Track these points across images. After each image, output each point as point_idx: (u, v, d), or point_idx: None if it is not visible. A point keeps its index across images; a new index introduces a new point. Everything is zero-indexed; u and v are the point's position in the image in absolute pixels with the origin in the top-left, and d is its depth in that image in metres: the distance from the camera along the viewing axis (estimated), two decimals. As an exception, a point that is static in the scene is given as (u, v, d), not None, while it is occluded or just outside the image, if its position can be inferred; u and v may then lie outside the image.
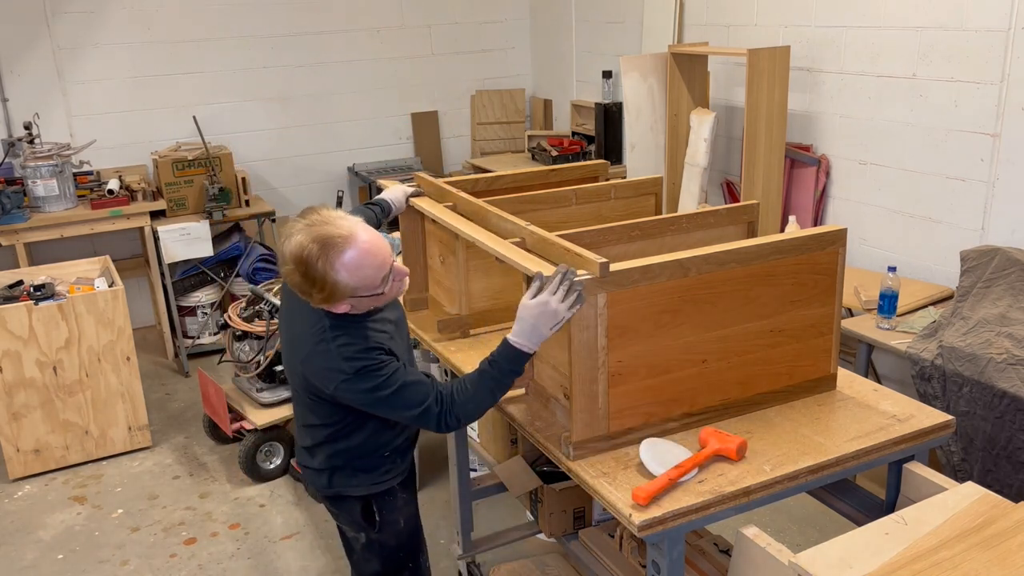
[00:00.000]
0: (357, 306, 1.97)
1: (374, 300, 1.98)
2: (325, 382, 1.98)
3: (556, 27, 6.04)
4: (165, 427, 4.40)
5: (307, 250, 1.86)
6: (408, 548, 2.32)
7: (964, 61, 3.37)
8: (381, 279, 1.95)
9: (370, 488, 2.20)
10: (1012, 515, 1.83)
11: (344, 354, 1.95)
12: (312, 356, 2.00)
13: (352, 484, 2.19)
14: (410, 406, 1.96)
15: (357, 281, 1.90)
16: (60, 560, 3.39)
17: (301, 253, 1.86)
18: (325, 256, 1.86)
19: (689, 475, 1.89)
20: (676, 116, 4.47)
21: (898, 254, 3.77)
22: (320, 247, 1.86)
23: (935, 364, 2.98)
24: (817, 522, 3.34)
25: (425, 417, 1.97)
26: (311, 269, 1.86)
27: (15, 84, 5.02)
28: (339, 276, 1.87)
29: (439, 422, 1.98)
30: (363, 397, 1.96)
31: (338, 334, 1.97)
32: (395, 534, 2.27)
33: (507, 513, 3.52)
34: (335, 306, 1.95)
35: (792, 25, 4.13)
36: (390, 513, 2.24)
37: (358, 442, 2.14)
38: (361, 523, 2.24)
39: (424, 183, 2.82)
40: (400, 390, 1.95)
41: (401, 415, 1.99)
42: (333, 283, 1.87)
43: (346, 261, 1.87)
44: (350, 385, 1.94)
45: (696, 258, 2.01)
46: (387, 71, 5.98)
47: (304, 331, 2.02)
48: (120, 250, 5.34)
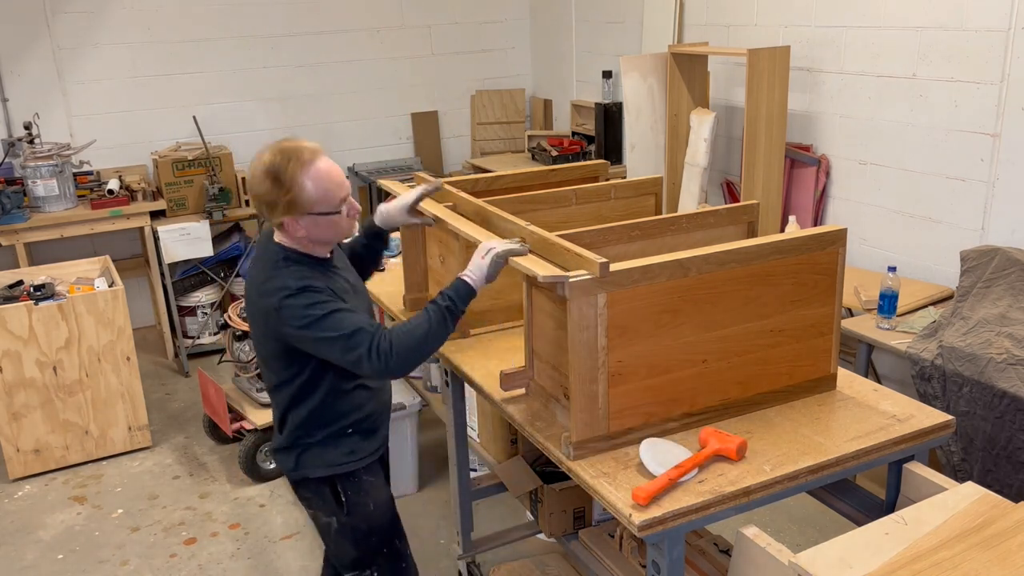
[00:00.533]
0: (312, 231, 2.06)
1: (329, 225, 2.07)
2: (273, 301, 2.02)
3: (556, 27, 6.04)
4: (165, 427, 4.40)
5: (278, 159, 2.01)
6: (381, 532, 2.32)
7: (964, 61, 3.37)
8: (339, 199, 2.06)
9: (334, 469, 2.21)
10: (1012, 515, 1.83)
11: (293, 273, 2.05)
12: (267, 280, 2.06)
13: (316, 464, 2.21)
14: (341, 330, 1.99)
15: (320, 193, 2.02)
16: (60, 560, 3.39)
17: (273, 161, 2.01)
18: (297, 160, 2.00)
19: (689, 475, 1.89)
20: (676, 116, 4.47)
21: (898, 254, 3.77)
22: (290, 155, 2.01)
23: (935, 364, 2.98)
24: (817, 522, 3.34)
25: (355, 341, 1.98)
26: (281, 174, 1.99)
27: (15, 84, 5.02)
28: (305, 183, 2.00)
29: (370, 352, 1.98)
30: (300, 315, 1.99)
31: (291, 263, 2.08)
32: (365, 517, 2.27)
33: (507, 513, 3.52)
34: (293, 223, 2.03)
35: (792, 25, 4.13)
36: (356, 495, 2.24)
37: (316, 403, 2.16)
38: (332, 506, 2.24)
39: (424, 183, 2.82)
40: (334, 313, 2.01)
41: (330, 335, 1.99)
42: (300, 188, 1.99)
43: (312, 171, 2.01)
44: (292, 300, 2.00)
45: (696, 258, 2.01)
46: (387, 71, 5.98)
47: (262, 267, 2.11)
48: (120, 250, 5.34)
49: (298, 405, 2.18)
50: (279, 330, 2.05)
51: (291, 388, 2.16)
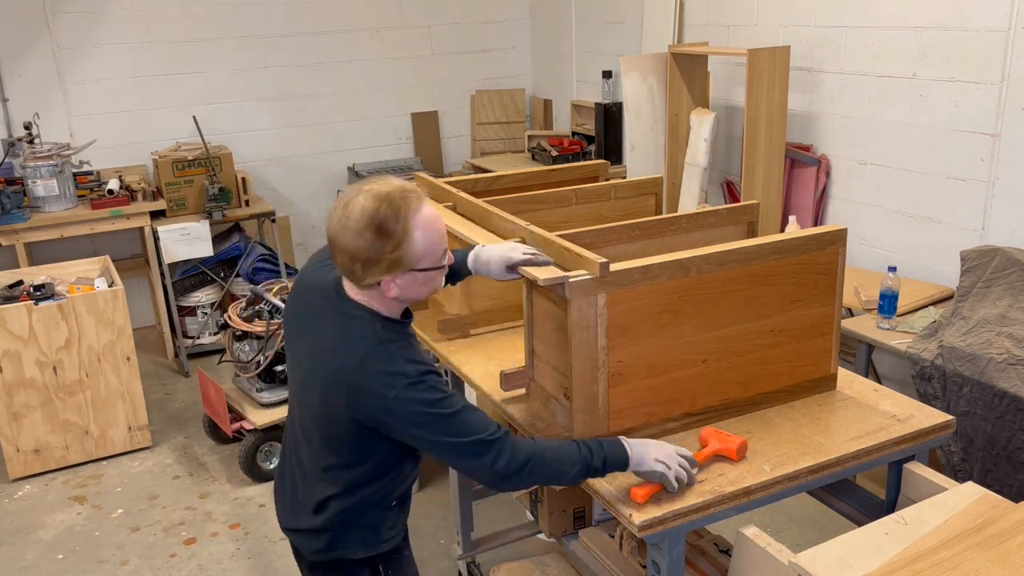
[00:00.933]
0: (407, 290, 1.75)
1: (427, 282, 1.77)
2: (382, 389, 1.68)
3: (556, 27, 6.04)
4: (165, 427, 4.40)
5: (383, 207, 1.65)
6: None
7: (964, 61, 3.37)
8: (443, 251, 1.77)
9: (378, 548, 1.96)
10: (1012, 515, 1.83)
11: (408, 356, 1.72)
12: (368, 361, 1.70)
13: (357, 545, 1.92)
14: (472, 431, 1.69)
15: (427, 245, 1.70)
16: (60, 560, 3.39)
17: (377, 211, 1.64)
18: (407, 205, 1.66)
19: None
20: (676, 116, 4.47)
21: (898, 254, 3.77)
22: (398, 204, 1.66)
23: (935, 364, 2.98)
24: (817, 522, 3.34)
25: (481, 447, 1.69)
26: (388, 224, 1.65)
27: (15, 84, 5.02)
28: (415, 233, 1.67)
29: (495, 460, 1.70)
30: (419, 412, 1.68)
31: (395, 338, 1.74)
32: None
33: (507, 513, 3.52)
34: (388, 284, 1.71)
35: (792, 25, 4.13)
36: (397, 572, 2.05)
37: (374, 489, 1.87)
38: None
39: (424, 183, 2.82)
40: (463, 410, 1.71)
41: (454, 440, 1.69)
42: (410, 240, 1.67)
43: (421, 219, 1.69)
44: (412, 393, 1.67)
45: (696, 258, 2.01)
46: (387, 71, 5.98)
47: (350, 339, 1.74)
48: (120, 250, 5.34)
49: (351, 492, 1.86)
50: (378, 419, 1.71)
51: (350, 474, 1.84)
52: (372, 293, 1.76)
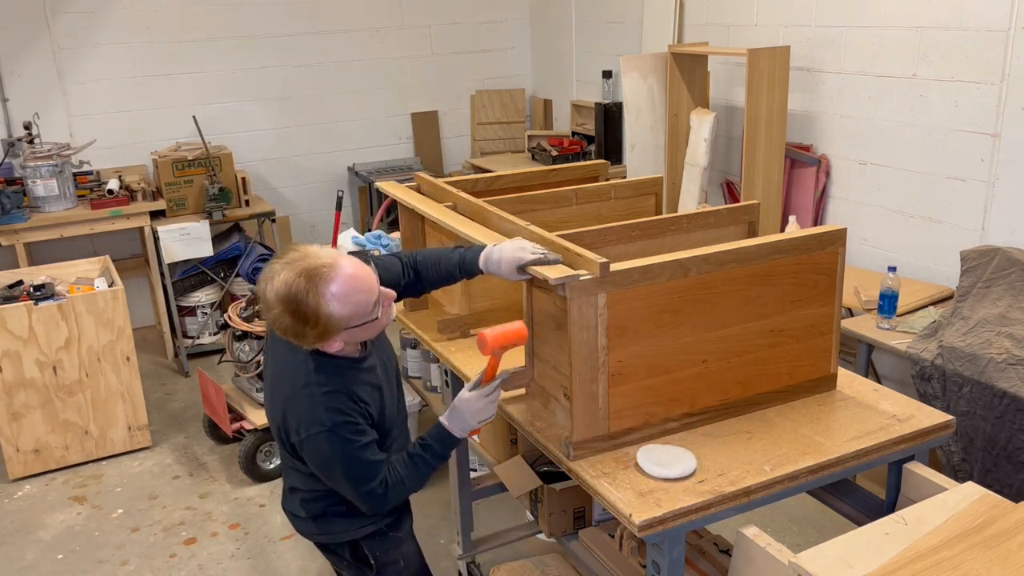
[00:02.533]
0: (349, 340, 1.90)
1: (367, 329, 1.90)
2: (298, 427, 1.89)
3: (556, 27, 6.04)
4: (165, 427, 4.40)
5: (294, 285, 1.77)
6: None
7: (964, 61, 3.37)
8: (373, 304, 1.87)
9: (355, 532, 2.11)
10: (1012, 515, 1.83)
11: (328, 403, 1.88)
12: (294, 397, 1.90)
13: (336, 530, 2.12)
14: (360, 481, 1.92)
15: (350, 310, 1.82)
16: (60, 560, 3.39)
17: (288, 290, 1.77)
18: (314, 287, 1.77)
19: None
20: (676, 116, 4.47)
21: (898, 254, 3.77)
22: (307, 280, 1.77)
23: (935, 364, 2.98)
24: (817, 522, 3.34)
25: (367, 497, 1.94)
26: (302, 306, 1.77)
27: (15, 84, 5.02)
28: (331, 307, 1.79)
29: (374, 504, 1.97)
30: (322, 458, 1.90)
31: (324, 379, 1.90)
32: (397, 574, 2.18)
33: (507, 513, 3.52)
34: (329, 343, 1.87)
35: (792, 25, 4.13)
36: (385, 554, 2.15)
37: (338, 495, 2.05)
38: (361, 569, 2.14)
39: (424, 183, 2.82)
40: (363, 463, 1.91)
41: (346, 485, 1.93)
42: (327, 316, 1.79)
43: (336, 290, 1.79)
44: (319, 440, 1.87)
45: (696, 258, 2.00)
46: (387, 71, 5.98)
47: (288, 370, 1.94)
48: (120, 250, 5.34)
49: (313, 488, 2.07)
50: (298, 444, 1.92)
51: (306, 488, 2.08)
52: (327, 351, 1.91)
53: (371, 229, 4.03)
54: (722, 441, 2.05)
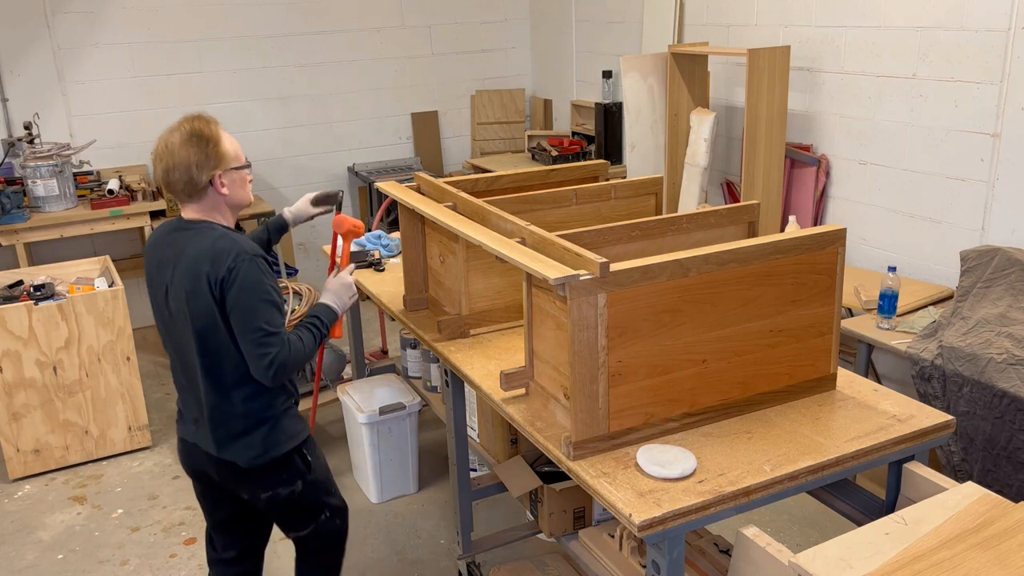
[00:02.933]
0: (232, 190, 2.25)
1: (243, 183, 2.29)
2: (226, 259, 2.13)
3: (556, 27, 6.04)
4: (165, 427, 4.40)
5: (195, 125, 2.21)
6: (329, 481, 2.52)
7: (964, 61, 3.37)
8: (244, 157, 2.31)
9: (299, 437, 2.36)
10: (1012, 515, 1.83)
11: (245, 242, 2.20)
12: (215, 243, 2.17)
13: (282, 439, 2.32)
14: (272, 322, 2.18)
15: (233, 148, 2.26)
16: (60, 560, 3.39)
17: (192, 129, 2.20)
18: (208, 123, 2.23)
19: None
20: (676, 116, 4.47)
21: (898, 254, 3.77)
22: (201, 119, 2.23)
23: (935, 364, 2.98)
24: (817, 522, 3.34)
25: (270, 342, 2.17)
26: (204, 131, 2.20)
27: (15, 84, 5.02)
28: (222, 137, 2.23)
29: (277, 354, 2.18)
30: (252, 283, 2.14)
31: (232, 232, 2.25)
32: (320, 469, 2.45)
33: (507, 513, 3.52)
34: (219, 180, 2.21)
35: (792, 25, 4.13)
36: (312, 452, 2.43)
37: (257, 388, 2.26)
38: (300, 471, 2.37)
39: (424, 183, 2.82)
40: (275, 304, 2.20)
41: (258, 327, 2.15)
42: (220, 140, 2.22)
43: (221, 131, 2.25)
44: (249, 265, 2.14)
45: (696, 258, 2.01)
46: (387, 71, 5.98)
47: (197, 239, 2.21)
48: (120, 250, 5.34)
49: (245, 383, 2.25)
50: (225, 288, 2.14)
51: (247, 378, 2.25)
52: (206, 203, 2.25)
53: (371, 229, 4.03)
54: (722, 441, 2.05)
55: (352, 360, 4.06)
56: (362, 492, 3.71)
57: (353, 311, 3.90)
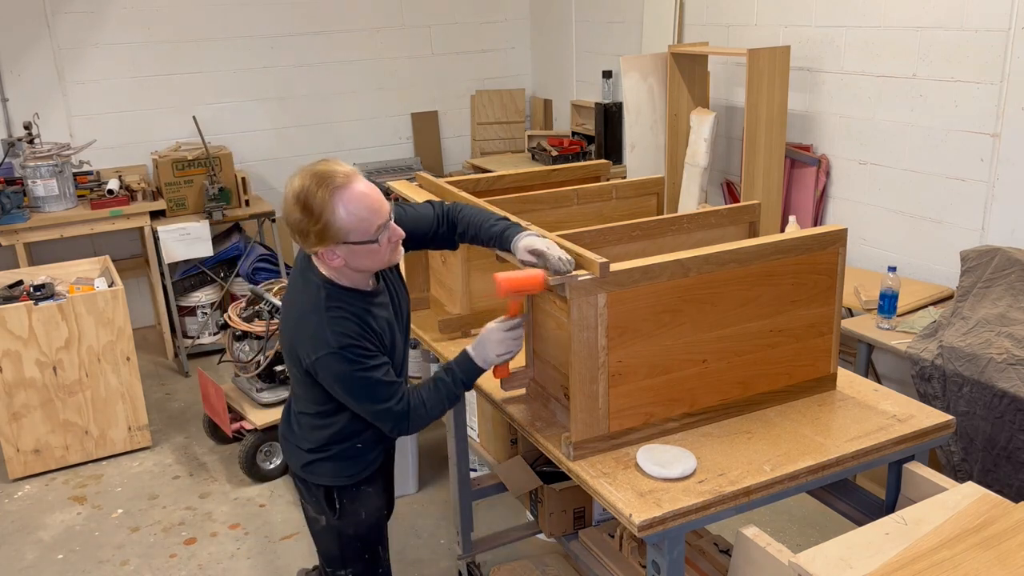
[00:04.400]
0: (351, 261, 1.98)
1: (367, 255, 1.98)
2: (308, 350, 1.99)
3: (556, 27, 6.04)
4: (165, 427, 4.40)
5: (308, 184, 1.90)
6: (367, 539, 2.33)
7: (964, 61, 3.37)
8: (377, 227, 1.95)
9: (337, 481, 2.24)
10: (1012, 515, 1.83)
11: (335, 327, 1.97)
12: (303, 320, 2.02)
13: (322, 474, 2.24)
14: (376, 400, 2.02)
15: (353, 221, 1.91)
16: (60, 560, 3.39)
17: (302, 188, 1.90)
18: (325, 187, 1.89)
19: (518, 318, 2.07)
20: (676, 116, 4.47)
21: (898, 254, 3.77)
22: (320, 180, 1.90)
23: (935, 364, 2.98)
24: (817, 522, 3.34)
25: (385, 415, 2.05)
26: (311, 200, 1.89)
27: (15, 84, 5.02)
28: (337, 210, 1.89)
29: (396, 423, 2.07)
30: (337, 376, 1.99)
31: (334, 305, 2.00)
32: (354, 524, 2.29)
33: (507, 513, 3.52)
34: (329, 253, 1.95)
35: (792, 25, 4.13)
36: (352, 503, 2.27)
37: (338, 427, 2.17)
38: (324, 508, 2.27)
39: (425, 183, 2.82)
40: (374, 383, 2.01)
41: (363, 404, 2.04)
42: (331, 215, 1.89)
43: (345, 196, 1.90)
44: (329, 360, 1.97)
45: (696, 258, 2.01)
46: (387, 71, 5.98)
47: (301, 298, 2.05)
48: (120, 250, 5.34)
49: (319, 428, 2.19)
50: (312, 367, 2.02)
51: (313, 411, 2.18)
52: (329, 265, 2.00)
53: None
54: (722, 441, 2.05)
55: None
56: (362, 492, 3.71)
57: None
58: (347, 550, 2.32)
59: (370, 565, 2.36)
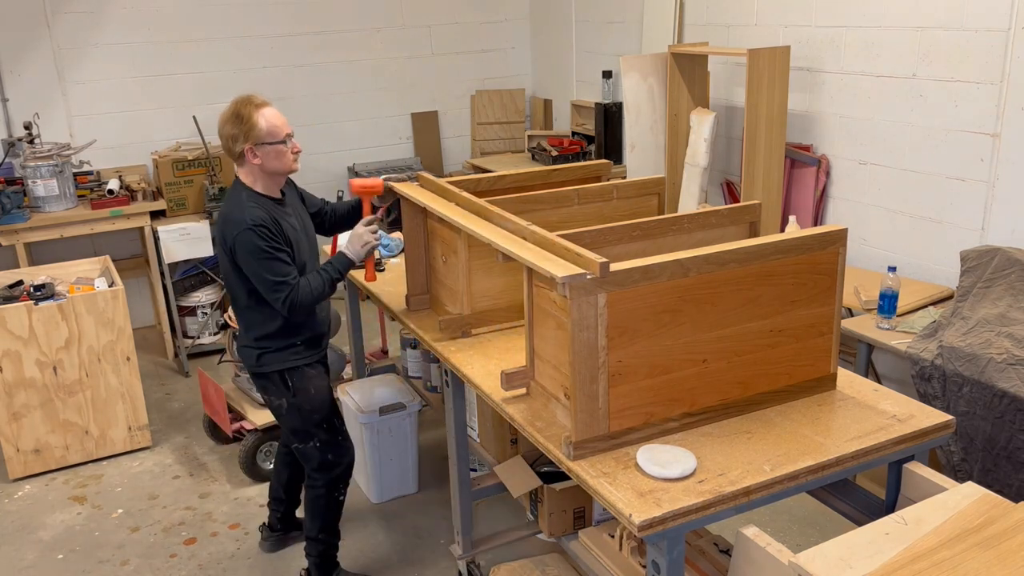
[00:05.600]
0: (265, 161, 2.67)
1: (277, 155, 2.68)
2: (231, 231, 2.61)
3: (556, 27, 6.04)
4: (165, 427, 4.40)
5: (237, 104, 2.70)
6: (320, 411, 2.89)
7: (964, 61, 3.37)
8: (285, 134, 2.70)
9: (284, 365, 2.81)
10: (1012, 515, 1.83)
11: (251, 213, 2.61)
12: (229, 214, 2.64)
13: (271, 362, 2.81)
14: (275, 273, 2.61)
15: (268, 127, 2.65)
16: (60, 560, 3.39)
17: (234, 107, 2.70)
18: (251, 104, 2.69)
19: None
20: (676, 116, 4.47)
21: (898, 254, 3.77)
22: (247, 100, 2.70)
23: (935, 364, 2.98)
24: (817, 522, 3.34)
25: (281, 287, 2.62)
26: (241, 111, 2.66)
27: (15, 84, 5.02)
28: (258, 118, 2.65)
29: (288, 295, 2.62)
30: (249, 248, 2.58)
31: (252, 202, 2.65)
32: (308, 399, 2.85)
33: (507, 513, 3.52)
34: (250, 153, 2.65)
35: (792, 25, 4.13)
36: (300, 382, 2.83)
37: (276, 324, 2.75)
38: (283, 391, 2.83)
39: (426, 183, 2.82)
40: (276, 259, 2.61)
41: (263, 275, 2.61)
42: (254, 121, 2.63)
43: (264, 110, 2.68)
44: (246, 235, 2.57)
45: (696, 258, 2.01)
46: (387, 71, 5.98)
47: (229, 203, 2.70)
48: (120, 250, 5.34)
49: (259, 324, 2.77)
50: (232, 249, 2.62)
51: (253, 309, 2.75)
52: (245, 169, 2.72)
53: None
54: (722, 441, 2.05)
55: (352, 360, 4.06)
56: (362, 492, 3.71)
57: (353, 311, 3.90)
58: (308, 423, 2.87)
59: (330, 433, 2.92)
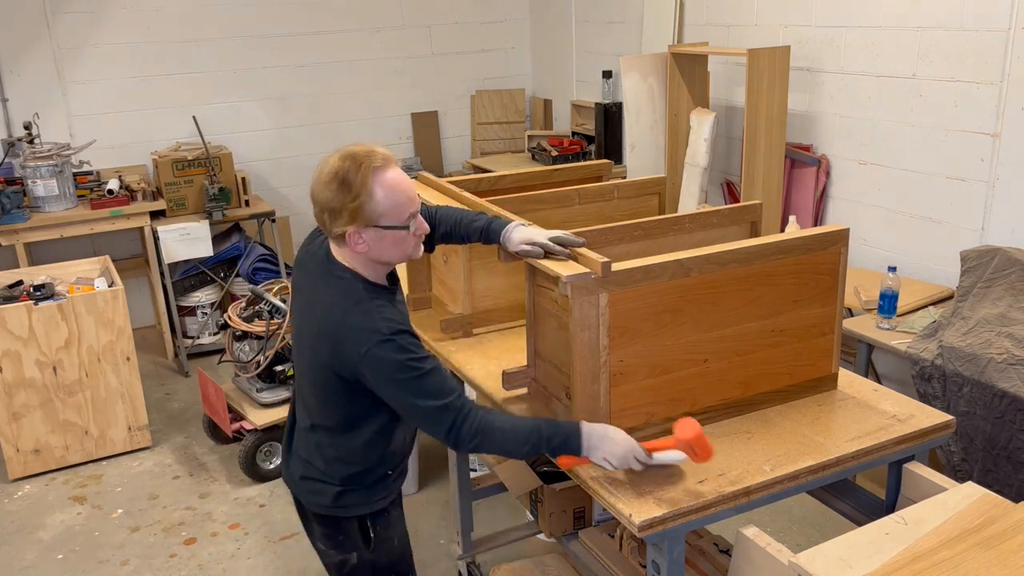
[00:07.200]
0: (375, 247, 1.87)
1: (396, 243, 1.88)
2: (357, 344, 1.82)
3: (556, 27, 6.04)
4: (165, 427, 4.40)
5: (347, 163, 1.82)
6: (400, 566, 2.21)
7: (964, 61, 3.38)
8: (409, 214, 1.87)
9: (369, 508, 2.08)
10: (1012, 515, 1.83)
11: (384, 315, 1.85)
12: (348, 316, 1.85)
13: (354, 505, 2.07)
14: (434, 395, 1.82)
15: (389, 204, 1.83)
16: (60, 560, 3.39)
17: (342, 165, 1.82)
18: (366, 167, 1.81)
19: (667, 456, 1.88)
20: (676, 116, 4.47)
21: (898, 254, 3.77)
22: (361, 159, 1.82)
23: (935, 364, 2.98)
24: (817, 522, 3.34)
25: (442, 413, 1.83)
26: (350, 177, 1.80)
27: (15, 84, 5.02)
28: (375, 190, 1.81)
29: (452, 425, 1.84)
30: (390, 367, 1.81)
31: (375, 297, 1.88)
32: (388, 552, 2.15)
33: (507, 513, 3.52)
34: (355, 236, 1.84)
35: (792, 25, 4.13)
36: (385, 530, 2.13)
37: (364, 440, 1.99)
38: (357, 543, 2.10)
39: (427, 183, 2.82)
40: (431, 373, 1.83)
41: (418, 403, 1.83)
42: (368, 195, 1.80)
43: (383, 178, 1.83)
44: (383, 350, 1.80)
45: (697, 258, 2.01)
46: (387, 71, 5.98)
47: (335, 296, 1.89)
48: (120, 250, 5.34)
49: (350, 456, 2.02)
50: (357, 372, 1.85)
51: (347, 436, 2.00)
52: (354, 257, 1.91)
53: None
54: (722, 441, 2.05)
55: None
56: (362, 492, 3.71)
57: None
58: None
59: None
